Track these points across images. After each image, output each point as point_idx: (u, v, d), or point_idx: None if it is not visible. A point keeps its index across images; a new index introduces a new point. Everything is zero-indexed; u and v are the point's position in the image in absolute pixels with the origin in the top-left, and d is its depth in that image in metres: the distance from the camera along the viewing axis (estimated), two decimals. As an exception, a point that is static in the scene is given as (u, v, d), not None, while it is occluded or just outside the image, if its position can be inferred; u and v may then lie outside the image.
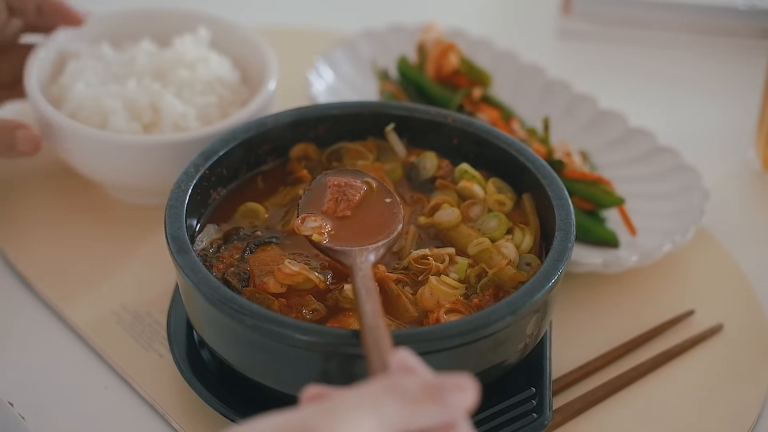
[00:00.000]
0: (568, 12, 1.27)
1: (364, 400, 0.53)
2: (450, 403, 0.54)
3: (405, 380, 0.54)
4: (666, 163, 1.01)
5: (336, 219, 0.78)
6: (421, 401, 0.53)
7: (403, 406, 0.53)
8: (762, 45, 1.24)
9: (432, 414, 0.53)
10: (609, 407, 0.83)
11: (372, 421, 0.52)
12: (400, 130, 0.89)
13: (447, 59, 1.03)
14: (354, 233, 0.77)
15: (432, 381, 0.54)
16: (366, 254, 0.74)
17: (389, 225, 0.78)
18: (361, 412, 0.52)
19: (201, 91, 0.96)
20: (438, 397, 0.54)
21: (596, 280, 0.93)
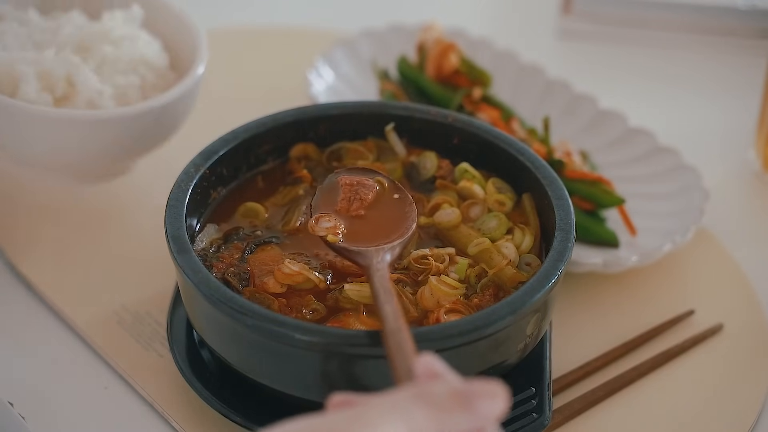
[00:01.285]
0: (568, 12, 1.27)
1: (392, 408, 0.52)
2: (480, 410, 0.53)
3: (434, 387, 0.54)
4: (666, 163, 1.01)
5: (349, 218, 0.78)
6: (450, 409, 0.53)
7: (432, 413, 0.52)
8: (762, 45, 1.24)
9: (461, 421, 0.53)
10: (609, 407, 0.83)
11: (401, 428, 0.51)
12: (400, 130, 0.89)
13: (447, 59, 1.03)
14: (368, 233, 0.77)
15: (461, 388, 0.54)
16: (382, 254, 0.74)
17: (403, 223, 0.78)
18: (390, 420, 0.52)
19: (123, 71, 0.92)
20: (468, 404, 0.53)
21: (596, 280, 0.93)
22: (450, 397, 0.53)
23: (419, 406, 0.52)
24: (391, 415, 0.52)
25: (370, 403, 0.53)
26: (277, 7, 1.34)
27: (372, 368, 0.70)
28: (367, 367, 0.70)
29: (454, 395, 0.53)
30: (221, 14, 1.31)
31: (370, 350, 0.69)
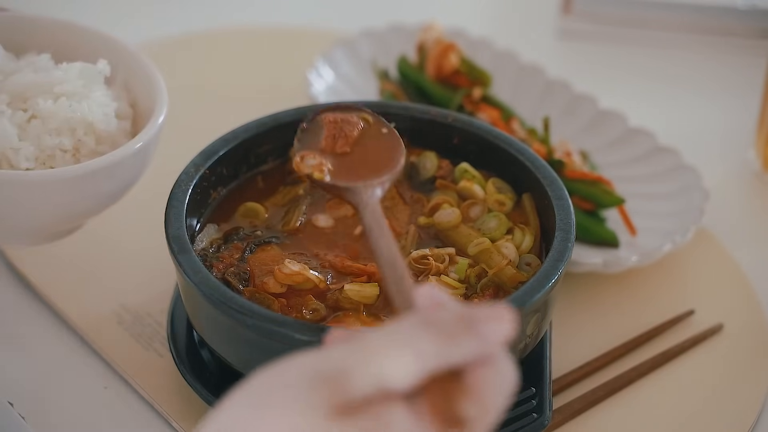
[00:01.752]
0: (568, 12, 1.27)
1: (398, 338, 0.51)
2: (487, 334, 0.52)
3: (438, 314, 0.52)
4: (666, 163, 1.01)
5: (335, 156, 0.77)
6: (456, 334, 0.51)
7: (437, 340, 0.51)
8: (762, 45, 1.24)
9: (468, 347, 0.51)
10: (609, 407, 0.83)
11: (408, 358, 0.50)
12: (400, 130, 0.88)
13: (447, 59, 1.03)
14: (356, 169, 0.75)
15: (467, 312, 0.52)
16: (372, 189, 0.73)
17: (391, 158, 0.77)
18: (395, 349, 0.50)
19: (54, 130, 0.80)
20: (474, 328, 0.51)
21: (596, 280, 0.93)
22: (455, 323, 0.52)
23: (424, 333, 0.51)
24: (396, 344, 0.50)
25: (374, 335, 0.51)
26: (277, 7, 1.34)
27: (372, 368, 0.70)
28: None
29: (459, 320, 0.52)
30: (221, 14, 1.31)
31: (370, 350, 0.69)
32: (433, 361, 0.50)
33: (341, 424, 0.49)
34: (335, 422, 0.49)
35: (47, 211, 0.80)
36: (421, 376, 0.50)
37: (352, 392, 0.49)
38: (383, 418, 0.49)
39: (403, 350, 0.50)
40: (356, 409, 0.49)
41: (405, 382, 0.49)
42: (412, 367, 0.49)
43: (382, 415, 0.49)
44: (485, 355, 0.52)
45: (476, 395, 0.51)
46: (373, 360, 0.49)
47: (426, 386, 0.51)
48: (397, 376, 0.49)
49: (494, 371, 0.52)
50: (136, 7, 1.31)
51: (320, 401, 0.49)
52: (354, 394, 0.49)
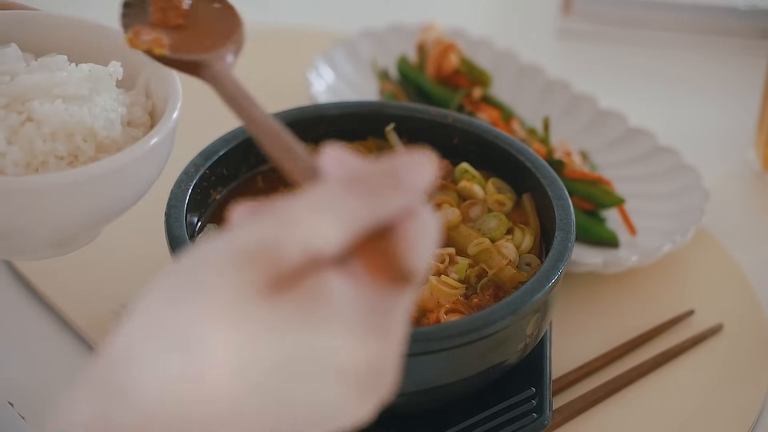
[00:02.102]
0: (568, 12, 1.27)
1: (320, 201, 0.46)
2: (410, 182, 0.47)
3: (355, 172, 0.48)
4: (666, 163, 1.01)
5: (171, 30, 0.71)
6: (379, 189, 0.47)
7: (361, 198, 0.46)
8: (762, 45, 1.24)
9: (394, 200, 0.47)
10: (609, 407, 0.83)
11: (334, 220, 0.45)
12: (400, 130, 0.89)
13: (447, 59, 1.03)
14: (198, 41, 0.70)
15: (386, 164, 0.48)
16: (223, 59, 0.67)
17: (231, 27, 0.72)
18: (321, 213, 0.46)
19: (49, 135, 0.74)
20: (397, 179, 0.47)
21: (596, 280, 0.93)
22: (376, 177, 0.47)
23: (347, 192, 0.46)
24: (320, 208, 0.46)
25: (292, 203, 0.46)
26: (277, 7, 1.34)
27: (372, 368, 0.70)
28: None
29: (379, 174, 0.47)
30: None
31: (370, 350, 0.69)
32: (360, 219, 0.46)
33: (275, 302, 0.45)
34: (268, 302, 0.44)
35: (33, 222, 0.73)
36: (350, 238, 0.46)
37: (281, 266, 0.45)
38: (319, 287, 0.45)
39: (328, 213, 0.46)
40: (288, 285, 0.45)
41: (335, 245, 0.45)
42: (340, 229, 0.45)
43: (318, 284, 0.45)
44: (409, 208, 0.47)
45: (408, 248, 0.47)
46: (298, 228, 0.45)
47: (357, 248, 0.47)
48: (325, 240, 0.45)
49: (420, 222, 0.48)
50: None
51: (248, 282, 0.44)
52: (283, 268, 0.45)
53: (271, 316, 0.44)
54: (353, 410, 0.47)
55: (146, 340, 0.44)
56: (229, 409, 0.44)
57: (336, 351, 0.45)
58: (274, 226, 0.45)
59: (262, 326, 0.44)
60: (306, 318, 0.45)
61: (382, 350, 0.47)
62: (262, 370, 0.44)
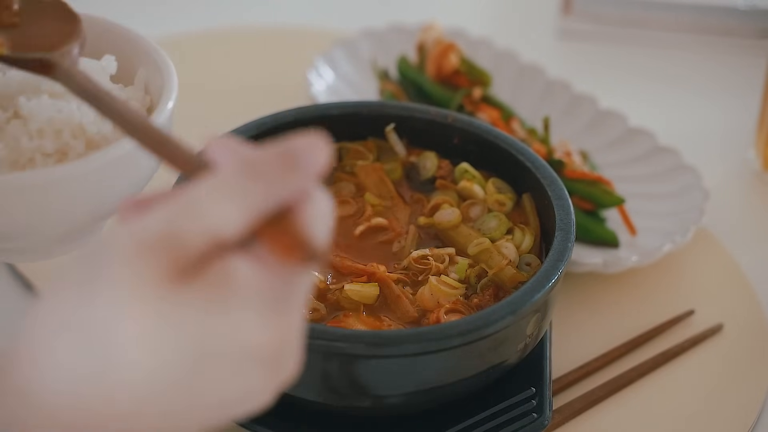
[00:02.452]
0: (568, 12, 1.27)
1: (220, 187, 0.46)
2: (306, 165, 0.47)
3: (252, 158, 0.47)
4: (666, 163, 1.01)
5: (5, 30, 0.69)
6: (277, 174, 0.47)
7: (259, 184, 0.46)
8: (762, 45, 1.24)
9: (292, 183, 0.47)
10: (609, 407, 0.83)
11: (233, 206, 0.46)
12: (400, 130, 0.89)
13: (447, 59, 1.03)
14: (39, 39, 0.68)
15: (281, 149, 0.48)
16: (70, 54, 0.67)
17: (68, 22, 0.71)
18: (222, 199, 0.46)
19: (36, 132, 0.72)
20: (293, 162, 0.47)
21: (596, 280, 0.93)
22: (272, 161, 0.47)
23: (243, 178, 0.46)
24: (221, 194, 0.46)
25: (190, 191, 0.46)
26: (277, 7, 1.34)
27: (372, 368, 0.70)
28: (367, 367, 0.70)
29: (275, 158, 0.47)
30: (222, 14, 1.31)
31: (371, 350, 0.69)
32: (259, 203, 0.46)
33: (182, 290, 0.45)
34: (174, 290, 0.44)
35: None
36: (251, 221, 0.46)
37: (185, 252, 0.45)
38: (225, 272, 0.46)
39: (228, 198, 0.46)
40: (194, 272, 0.45)
41: (236, 229, 0.46)
42: (241, 213, 0.46)
43: (223, 269, 0.46)
44: (305, 190, 0.48)
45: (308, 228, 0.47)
46: (199, 214, 0.45)
47: (259, 231, 0.47)
48: (227, 225, 0.45)
49: (316, 204, 0.48)
50: (135, 7, 1.31)
51: (153, 271, 0.44)
52: (187, 255, 0.45)
53: (178, 304, 0.45)
54: (260, 393, 0.47)
55: (51, 339, 0.43)
56: (142, 401, 0.44)
57: (244, 334, 0.46)
58: (175, 214, 0.45)
59: (170, 314, 0.44)
60: (213, 303, 0.45)
61: (286, 331, 0.47)
62: (173, 358, 0.44)
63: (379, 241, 0.82)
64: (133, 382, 0.43)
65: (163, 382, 0.44)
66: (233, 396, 0.46)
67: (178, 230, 0.45)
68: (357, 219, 0.84)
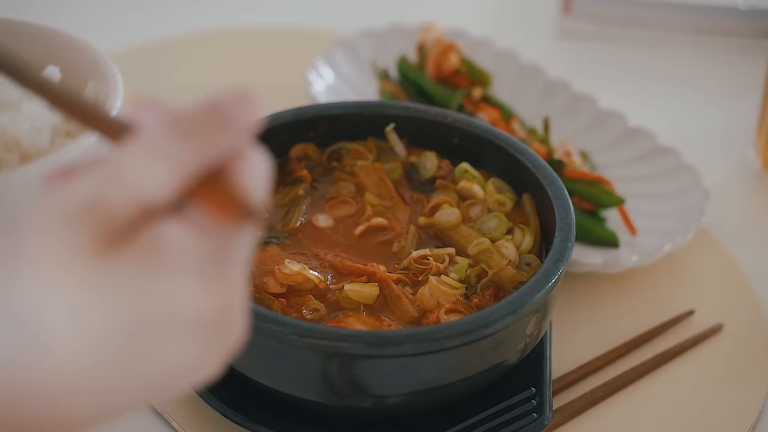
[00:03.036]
0: (568, 12, 1.27)
1: (147, 149, 0.44)
2: (234, 121, 0.45)
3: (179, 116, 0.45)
4: (666, 163, 1.01)
5: None
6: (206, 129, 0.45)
7: (191, 141, 0.44)
8: (762, 45, 1.24)
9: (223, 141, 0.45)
10: (609, 407, 0.83)
11: (160, 168, 0.43)
12: (400, 130, 0.89)
13: (447, 59, 1.03)
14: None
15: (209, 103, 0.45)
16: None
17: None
18: (149, 161, 0.43)
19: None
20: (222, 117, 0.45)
21: (596, 280, 0.93)
22: (199, 119, 0.45)
23: (169, 139, 0.44)
24: (144, 158, 0.43)
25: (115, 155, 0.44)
26: (277, 7, 1.34)
27: (372, 368, 0.70)
28: (367, 367, 0.70)
29: (202, 115, 0.45)
30: (221, 14, 1.31)
31: (370, 350, 0.69)
32: (189, 163, 0.44)
33: (111, 259, 0.43)
34: (103, 261, 0.42)
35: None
36: (182, 183, 0.44)
37: (113, 220, 0.43)
38: (157, 238, 0.43)
39: (154, 160, 0.43)
40: (124, 240, 0.43)
41: (166, 192, 0.43)
42: (170, 175, 0.43)
43: (155, 235, 0.43)
44: (238, 146, 0.45)
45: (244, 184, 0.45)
46: (124, 179, 0.43)
47: (192, 193, 0.45)
48: (156, 188, 0.43)
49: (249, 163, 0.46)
50: (135, 7, 1.31)
51: (79, 239, 0.42)
52: (115, 222, 0.43)
53: (108, 274, 0.43)
54: (205, 363, 0.46)
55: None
56: (76, 378, 0.42)
57: (180, 302, 0.44)
58: (99, 180, 0.43)
59: (100, 286, 0.42)
60: (146, 271, 0.43)
61: (227, 297, 0.45)
62: (106, 331, 0.42)
63: (379, 241, 0.82)
64: (65, 359, 0.42)
65: (97, 357, 0.42)
66: (175, 368, 0.44)
67: (103, 197, 0.43)
68: (357, 219, 0.84)
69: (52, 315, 0.41)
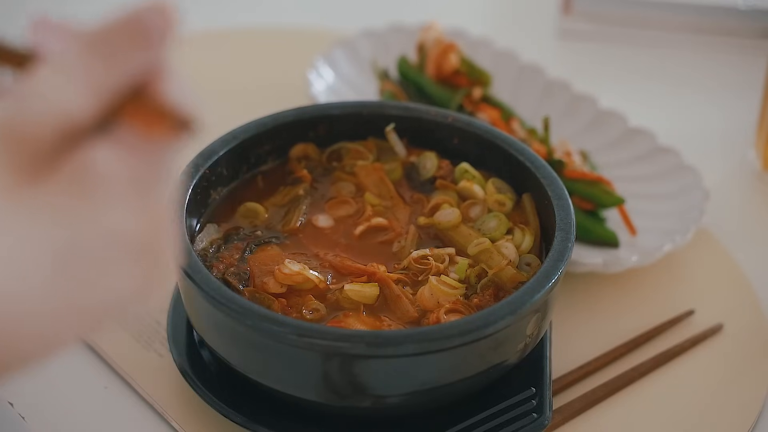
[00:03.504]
0: (568, 12, 1.27)
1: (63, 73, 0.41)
2: (151, 32, 0.43)
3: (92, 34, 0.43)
4: (666, 163, 1.01)
5: None
6: (123, 44, 0.42)
7: (104, 60, 0.42)
8: (762, 45, 1.24)
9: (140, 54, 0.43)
10: (609, 407, 0.83)
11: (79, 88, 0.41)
12: (400, 130, 0.89)
13: (447, 59, 1.03)
14: None
15: (123, 18, 0.43)
16: None
17: None
18: (63, 84, 0.41)
19: None
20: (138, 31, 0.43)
21: (596, 280, 0.93)
22: (116, 33, 0.43)
23: (86, 58, 0.42)
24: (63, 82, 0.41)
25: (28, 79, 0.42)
26: (277, 7, 1.34)
27: (372, 368, 0.70)
28: (367, 367, 0.70)
29: (119, 29, 0.43)
30: (222, 14, 1.31)
31: (370, 350, 0.69)
32: (109, 81, 0.42)
33: (34, 187, 0.41)
34: (26, 188, 0.41)
35: None
36: (104, 102, 0.42)
37: (33, 144, 0.41)
38: (82, 160, 0.42)
39: (74, 79, 0.41)
40: (47, 167, 0.41)
41: (87, 112, 0.42)
42: (90, 95, 0.41)
43: (79, 158, 0.42)
44: (158, 61, 0.43)
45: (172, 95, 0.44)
46: (42, 100, 0.41)
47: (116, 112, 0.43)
48: (76, 108, 0.41)
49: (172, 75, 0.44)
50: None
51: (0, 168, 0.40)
52: (37, 146, 0.41)
53: (32, 202, 0.41)
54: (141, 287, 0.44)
55: None
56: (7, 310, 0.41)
57: (110, 225, 0.42)
58: (12, 105, 0.41)
59: (24, 214, 0.41)
60: (72, 196, 0.42)
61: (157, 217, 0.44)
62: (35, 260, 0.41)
63: (379, 241, 0.82)
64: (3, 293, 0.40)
65: (28, 287, 0.41)
66: (111, 294, 0.43)
67: (20, 121, 0.41)
68: (357, 219, 0.84)
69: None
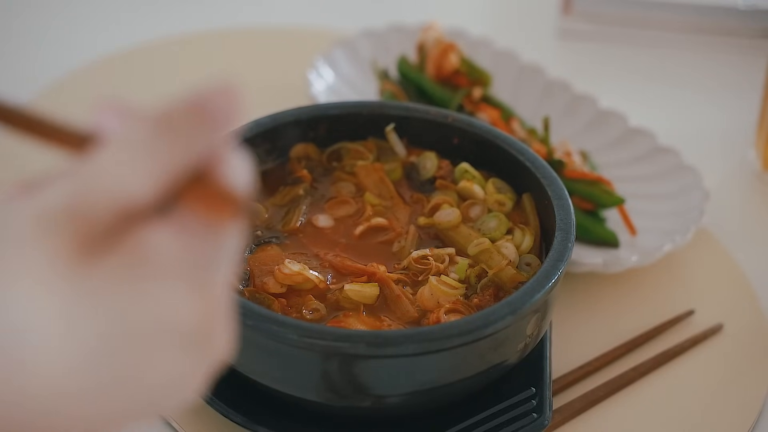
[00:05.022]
0: (568, 12, 1.27)
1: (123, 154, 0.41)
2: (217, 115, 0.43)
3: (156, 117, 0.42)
4: (666, 163, 1.01)
5: None
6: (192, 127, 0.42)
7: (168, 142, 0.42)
8: (762, 45, 1.24)
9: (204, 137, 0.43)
10: (609, 407, 0.83)
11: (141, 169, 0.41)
12: (400, 130, 0.89)
13: (447, 59, 1.03)
14: None
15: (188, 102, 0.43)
16: None
17: None
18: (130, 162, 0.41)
19: None
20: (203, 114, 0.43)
21: (596, 280, 0.93)
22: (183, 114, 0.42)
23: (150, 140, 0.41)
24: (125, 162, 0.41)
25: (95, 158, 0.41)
26: (277, 7, 1.34)
27: (372, 368, 0.70)
28: (367, 367, 0.70)
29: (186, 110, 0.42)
30: (221, 14, 1.31)
31: (370, 350, 0.69)
32: (172, 163, 0.41)
33: (92, 267, 0.40)
34: (84, 266, 0.40)
35: None
36: (165, 184, 0.42)
37: (92, 225, 0.40)
38: (139, 241, 0.41)
39: (136, 160, 0.41)
40: (105, 246, 0.41)
41: (149, 194, 0.41)
42: (152, 176, 0.41)
43: (137, 239, 0.41)
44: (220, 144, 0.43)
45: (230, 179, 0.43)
46: (104, 180, 0.40)
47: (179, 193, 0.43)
48: (137, 189, 0.41)
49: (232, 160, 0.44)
50: (135, 7, 1.31)
51: (58, 246, 0.40)
52: (95, 227, 0.40)
53: (89, 282, 0.40)
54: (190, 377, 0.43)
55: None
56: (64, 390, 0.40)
57: (166, 308, 0.42)
58: (74, 184, 0.40)
59: (81, 294, 0.40)
60: (129, 277, 0.41)
61: (214, 303, 0.43)
62: (91, 341, 0.40)
63: (379, 241, 0.82)
64: (47, 374, 0.40)
65: (83, 367, 0.40)
66: (161, 381, 0.42)
67: (81, 200, 0.40)
68: (357, 219, 0.84)
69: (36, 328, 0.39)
